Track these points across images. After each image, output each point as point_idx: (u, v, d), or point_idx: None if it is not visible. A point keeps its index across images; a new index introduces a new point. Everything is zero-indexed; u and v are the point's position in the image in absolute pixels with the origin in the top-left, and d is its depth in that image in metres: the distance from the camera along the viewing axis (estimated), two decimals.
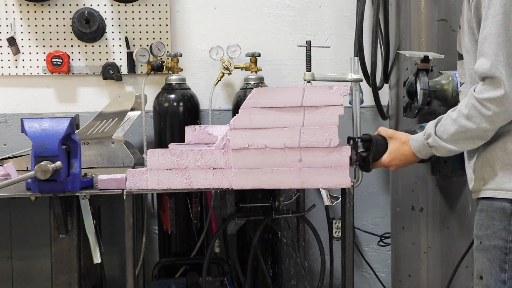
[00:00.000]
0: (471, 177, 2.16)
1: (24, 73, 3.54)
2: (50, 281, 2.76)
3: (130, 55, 3.53)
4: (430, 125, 2.20)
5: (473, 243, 2.14)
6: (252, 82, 3.44)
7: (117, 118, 3.28)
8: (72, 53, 3.54)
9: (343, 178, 2.50)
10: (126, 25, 3.56)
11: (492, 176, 2.06)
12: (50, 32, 3.53)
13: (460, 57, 2.23)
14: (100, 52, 3.56)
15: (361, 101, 3.19)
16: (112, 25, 3.56)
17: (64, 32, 3.53)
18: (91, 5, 3.52)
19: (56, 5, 3.52)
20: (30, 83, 3.57)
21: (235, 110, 3.36)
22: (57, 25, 3.53)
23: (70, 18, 3.50)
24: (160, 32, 3.58)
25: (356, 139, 2.44)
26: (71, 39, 3.54)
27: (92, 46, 3.55)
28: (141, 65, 3.54)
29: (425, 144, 2.20)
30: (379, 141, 2.40)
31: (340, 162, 2.49)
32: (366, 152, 2.41)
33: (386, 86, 3.34)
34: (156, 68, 3.42)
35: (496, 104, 1.96)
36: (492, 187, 2.06)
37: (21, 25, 3.52)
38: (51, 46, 3.53)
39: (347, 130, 3.22)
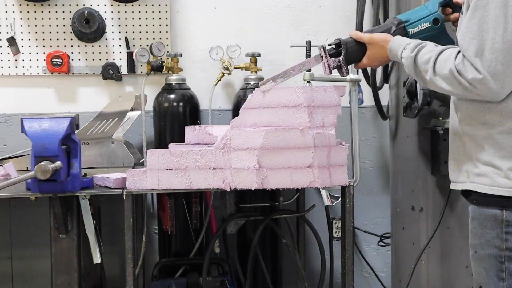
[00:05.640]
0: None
1: (24, 73, 3.54)
2: (50, 281, 2.76)
3: (130, 55, 3.53)
4: (412, 46, 2.09)
5: None
6: (252, 82, 3.44)
7: (117, 118, 3.28)
8: (72, 53, 3.54)
9: (342, 176, 2.50)
10: (126, 25, 3.56)
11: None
12: (50, 32, 3.53)
13: None
14: (100, 52, 3.56)
15: (361, 101, 3.19)
16: (112, 25, 3.55)
17: (64, 32, 3.53)
18: (91, 5, 3.52)
19: (56, 5, 3.51)
20: (30, 83, 3.57)
21: (235, 110, 3.36)
22: (57, 25, 3.53)
23: (70, 18, 3.50)
24: (160, 32, 3.57)
25: (324, 45, 2.38)
26: (71, 39, 3.53)
27: (92, 46, 3.55)
28: (141, 65, 3.54)
29: (399, 57, 2.14)
30: (350, 43, 2.32)
31: (339, 161, 2.49)
32: (338, 57, 2.34)
33: (386, 86, 3.34)
34: (156, 68, 3.42)
35: None
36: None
37: (21, 25, 3.51)
38: (51, 46, 3.53)
39: (347, 130, 3.23)
